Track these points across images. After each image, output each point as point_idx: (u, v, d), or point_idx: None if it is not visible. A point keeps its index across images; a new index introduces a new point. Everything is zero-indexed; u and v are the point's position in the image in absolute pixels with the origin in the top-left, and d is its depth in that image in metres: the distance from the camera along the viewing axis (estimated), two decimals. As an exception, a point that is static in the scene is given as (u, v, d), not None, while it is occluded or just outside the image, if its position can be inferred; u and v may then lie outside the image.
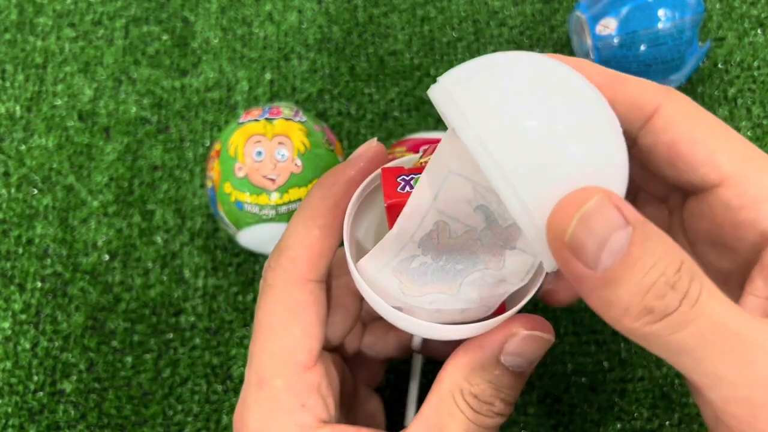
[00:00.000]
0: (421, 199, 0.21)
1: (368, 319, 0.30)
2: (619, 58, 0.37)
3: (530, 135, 0.18)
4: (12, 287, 0.39)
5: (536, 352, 0.23)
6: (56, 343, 0.37)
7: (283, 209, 0.34)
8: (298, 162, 0.34)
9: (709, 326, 0.18)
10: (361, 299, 0.27)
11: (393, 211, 0.22)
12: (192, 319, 0.38)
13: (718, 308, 0.18)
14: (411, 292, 0.22)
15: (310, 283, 0.24)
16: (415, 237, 0.21)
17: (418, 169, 0.23)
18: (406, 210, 0.21)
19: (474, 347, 0.23)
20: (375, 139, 0.25)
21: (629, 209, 0.17)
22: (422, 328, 0.22)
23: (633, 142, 0.23)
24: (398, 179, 0.23)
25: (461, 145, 0.19)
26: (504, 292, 0.23)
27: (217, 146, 0.35)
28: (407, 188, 0.22)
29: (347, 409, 0.28)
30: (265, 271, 0.24)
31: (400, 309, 0.23)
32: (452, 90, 0.19)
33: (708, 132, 0.21)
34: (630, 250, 0.17)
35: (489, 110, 0.18)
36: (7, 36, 0.45)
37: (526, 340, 0.22)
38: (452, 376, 0.23)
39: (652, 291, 0.17)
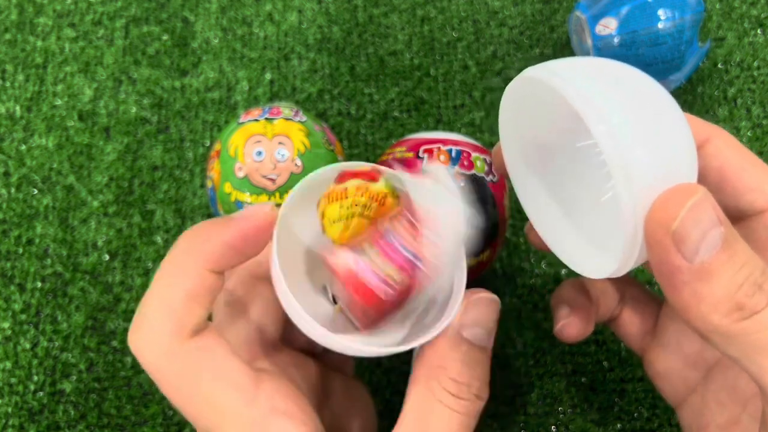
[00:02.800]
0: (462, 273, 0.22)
1: None
2: (619, 58, 0.37)
3: (648, 134, 0.19)
4: (12, 287, 0.39)
5: (491, 318, 0.24)
6: (56, 343, 0.37)
7: (283, 209, 0.34)
8: (298, 162, 0.34)
9: None
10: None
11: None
12: (192, 319, 0.38)
13: None
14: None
15: (190, 342, 0.21)
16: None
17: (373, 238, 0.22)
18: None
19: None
20: (272, 204, 0.23)
21: (720, 210, 0.19)
22: (392, 350, 0.23)
23: None
24: (373, 285, 0.21)
25: (458, 208, 0.21)
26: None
27: (217, 146, 0.35)
28: (384, 286, 0.22)
29: (325, 399, 0.28)
30: (131, 343, 0.22)
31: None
32: (581, 85, 0.20)
33: (754, 164, 0.23)
34: (724, 247, 0.18)
35: (615, 108, 0.19)
36: (7, 36, 0.45)
37: (479, 303, 0.23)
38: (425, 367, 0.23)
39: (743, 288, 0.18)
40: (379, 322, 0.24)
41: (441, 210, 0.21)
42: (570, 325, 0.28)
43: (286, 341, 0.28)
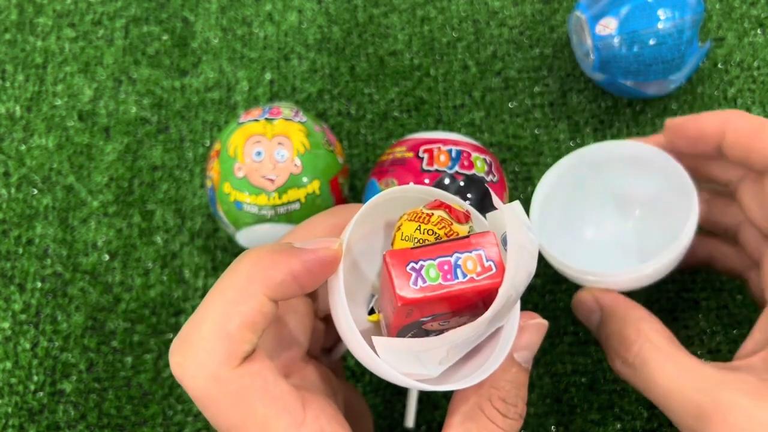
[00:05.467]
0: (509, 287, 0.21)
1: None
2: (619, 58, 0.37)
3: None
4: (12, 287, 0.39)
5: (538, 342, 0.25)
6: (56, 343, 0.38)
7: (281, 210, 0.34)
8: (298, 162, 0.34)
9: (649, 378, 0.26)
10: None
11: (405, 307, 0.21)
12: (192, 319, 0.38)
13: (657, 365, 0.26)
14: (448, 361, 0.23)
15: (241, 368, 0.21)
16: (489, 315, 0.21)
17: (428, 251, 0.21)
18: (500, 297, 0.20)
19: None
20: (340, 242, 0.22)
21: (603, 297, 0.30)
22: (459, 384, 0.23)
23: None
24: (408, 268, 0.21)
25: (521, 218, 0.22)
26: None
27: (216, 146, 0.35)
28: (419, 281, 0.21)
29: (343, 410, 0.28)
30: (175, 366, 0.21)
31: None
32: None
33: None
34: (601, 322, 0.29)
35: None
36: (7, 36, 0.45)
37: (532, 329, 0.25)
38: (477, 388, 0.23)
39: (612, 350, 0.28)
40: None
41: (518, 252, 0.21)
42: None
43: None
